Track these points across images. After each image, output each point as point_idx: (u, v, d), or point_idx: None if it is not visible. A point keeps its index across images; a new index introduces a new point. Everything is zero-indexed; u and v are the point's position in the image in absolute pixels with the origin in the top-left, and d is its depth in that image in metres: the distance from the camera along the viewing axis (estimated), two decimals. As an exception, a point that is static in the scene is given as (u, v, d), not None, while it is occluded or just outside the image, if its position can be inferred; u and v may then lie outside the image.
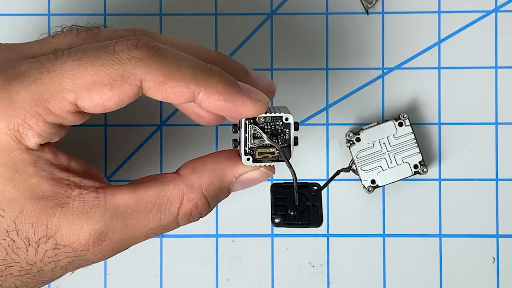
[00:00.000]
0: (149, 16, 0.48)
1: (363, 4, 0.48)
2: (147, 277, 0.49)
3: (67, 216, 0.36)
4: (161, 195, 0.37)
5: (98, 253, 0.37)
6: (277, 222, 0.46)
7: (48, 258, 0.36)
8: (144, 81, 0.35)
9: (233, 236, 0.48)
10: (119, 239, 0.37)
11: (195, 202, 0.37)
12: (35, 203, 0.35)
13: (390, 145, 0.47)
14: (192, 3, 0.48)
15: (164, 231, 0.38)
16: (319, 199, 0.39)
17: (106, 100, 0.35)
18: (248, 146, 0.37)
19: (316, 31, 0.48)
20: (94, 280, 0.48)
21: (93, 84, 0.35)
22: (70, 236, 0.36)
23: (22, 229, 0.35)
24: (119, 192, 0.37)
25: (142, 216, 0.37)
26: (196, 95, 0.35)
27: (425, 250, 0.48)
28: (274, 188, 0.39)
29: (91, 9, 0.48)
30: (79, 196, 0.36)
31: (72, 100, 0.35)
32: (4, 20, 0.48)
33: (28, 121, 0.35)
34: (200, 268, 0.48)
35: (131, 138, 0.49)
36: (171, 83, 0.35)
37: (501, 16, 0.48)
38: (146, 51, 0.35)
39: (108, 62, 0.35)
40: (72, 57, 0.35)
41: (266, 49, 0.48)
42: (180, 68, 0.35)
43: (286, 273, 0.49)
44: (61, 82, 0.35)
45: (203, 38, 0.48)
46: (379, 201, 0.48)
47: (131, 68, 0.35)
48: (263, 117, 0.37)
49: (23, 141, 0.35)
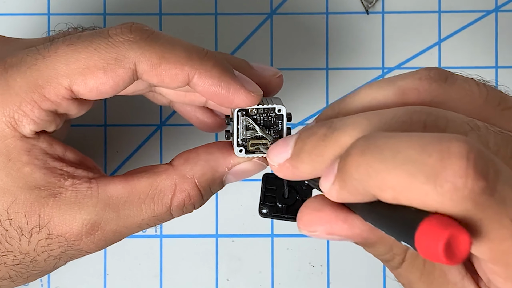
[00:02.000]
0: (149, 16, 0.48)
1: (363, 4, 0.48)
2: (147, 277, 0.48)
3: (59, 206, 0.36)
4: (153, 186, 0.37)
5: (91, 243, 0.37)
6: (264, 213, 0.46)
7: (41, 248, 0.36)
8: (138, 64, 0.35)
9: (233, 236, 0.48)
10: (112, 229, 0.37)
11: (188, 192, 0.37)
12: (28, 193, 0.35)
13: (390, 145, 0.47)
14: (192, 3, 0.48)
15: (158, 222, 0.38)
16: (309, 194, 0.39)
17: (100, 84, 0.35)
18: (241, 137, 0.37)
19: (316, 31, 0.48)
20: (94, 280, 0.48)
21: (87, 68, 0.35)
22: (62, 226, 0.36)
23: (15, 219, 0.35)
24: (112, 182, 0.37)
25: (135, 207, 0.37)
26: (191, 77, 0.35)
27: (425, 250, 0.48)
28: (266, 178, 0.39)
29: (91, 9, 0.48)
30: (72, 186, 0.36)
31: (67, 85, 0.35)
32: (4, 20, 0.48)
33: (24, 108, 0.35)
34: (200, 268, 0.48)
35: (131, 138, 0.49)
36: (166, 65, 0.35)
37: (501, 16, 0.48)
38: (140, 34, 0.35)
39: (102, 45, 0.35)
40: (66, 43, 0.35)
41: (266, 49, 0.48)
42: (174, 50, 0.35)
43: (286, 273, 0.49)
44: (55, 67, 0.35)
45: (203, 38, 0.48)
46: (379, 201, 0.48)
47: (125, 51, 0.35)
48: (256, 108, 0.36)
49: (18, 128, 0.35)
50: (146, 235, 0.48)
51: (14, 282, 0.38)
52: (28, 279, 0.38)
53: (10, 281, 0.37)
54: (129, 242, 0.48)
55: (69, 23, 0.39)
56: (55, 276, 0.48)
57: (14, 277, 0.37)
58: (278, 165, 0.33)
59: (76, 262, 0.47)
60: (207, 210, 0.48)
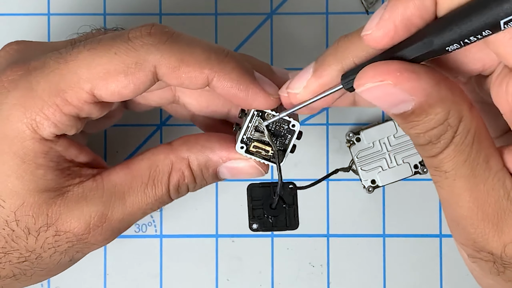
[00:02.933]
0: (149, 16, 0.48)
1: (363, 4, 0.48)
2: (147, 277, 0.49)
3: (67, 204, 0.36)
4: (153, 166, 0.37)
5: (98, 235, 0.37)
6: (254, 228, 0.46)
7: (48, 245, 0.36)
8: (158, 67, 0.35)
9: (233, 236, 0.48)
10: (119, 218, 0.37)
11: (182, 172, 0.38)
12: (37, 196, 0.36)
13: (390, 145, 0.47)
14: (192, 3, 0.48)
15: (160, 205, 0.38)
16: (295, 200, 0.39)
17: (122, 87, 0.35)
18: (247, 135, 0.37)
19: (316, 31, 0.48)
20: (94, 280, 0.48)
21: (107, 72, 0.35)
22: (71, 222, 0.36)
23: (22, 220, 0.36)
24: (114, 171, 0.37)
25: (139, 192, 0.37)
26: (210, 80, 0.35)
27: (425, 250, 0.48)
28: (250, 188, 0.39)
29: (91, 9, 0.48)
30: (79, 183, 0.37)
31: (89, 89, 0.35)
32: (4, 20, 0.48)
33: (46, 111, 0.35)
34: (200, 268, 0.48)
35: (131, 138, 0.49)
36: (185, 68, 0.35)
37: (501, 16, 0.48)
38: (160, 37, 0.35)
39: (122, 49, 0.35)
40: (87, 47, 0.35)
41: (266, 49, 0.48)
42: (193, 53, 0.35)
43: (286, 273, 0.49)
44: (77, 72, 0.35)
45: (203, 38, 0.48)
46: (379, 201, 0.48)
47: (145, 54, 0.35)
48: (272, 115, 0.36)
49: (39, 130, 0.35)
50: (146, 235, 0.48)
51: (18, 281, 0.38)
52: (31, 278, 0.38)
53: (14, 279, 0.38)
54: (129, 242, 0.48)
55: (92, 25, 0.39)
56: (55, 276, 0.48)
57: (18, 275, 0.37)
58: (304, 88, 0.33)
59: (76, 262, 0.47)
60: (207, 210, 0.48)
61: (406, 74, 0.29)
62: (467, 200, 0.32)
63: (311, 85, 0.33)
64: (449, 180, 0.32)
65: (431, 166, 0.32)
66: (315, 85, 0.33)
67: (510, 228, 0.32)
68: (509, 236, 0.32)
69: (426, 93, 0.30)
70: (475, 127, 0.31)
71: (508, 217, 0.31)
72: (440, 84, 0.30)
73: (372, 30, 0.30)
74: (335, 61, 0.32)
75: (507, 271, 0.33)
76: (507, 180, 0.32)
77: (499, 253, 0.32)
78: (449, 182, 0.32)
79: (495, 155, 0.32)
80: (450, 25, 0.28)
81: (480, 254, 0.33)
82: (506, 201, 0.31)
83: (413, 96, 0.30)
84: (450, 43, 0.28)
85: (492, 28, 0.27)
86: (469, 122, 0.31)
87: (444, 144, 0.31)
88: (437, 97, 0.30)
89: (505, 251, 0.32)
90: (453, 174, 0.31)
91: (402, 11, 0.29)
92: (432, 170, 0.32)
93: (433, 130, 0.31)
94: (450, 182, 0.32)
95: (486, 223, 0.32)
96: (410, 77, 0.29)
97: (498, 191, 0.31)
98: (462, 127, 0.31)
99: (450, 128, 0.31)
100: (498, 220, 0.32)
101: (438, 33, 0.29)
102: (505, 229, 0.32)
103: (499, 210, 0.32)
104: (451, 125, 0.30)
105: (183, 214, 0.48)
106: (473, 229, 0.32)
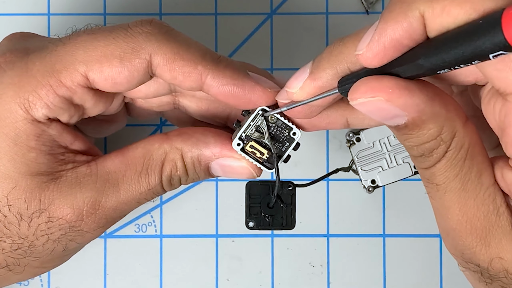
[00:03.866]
0: (149, 16, 0.48)
1: (363, 4, 0.48)
2: (147, 277, 0.49)
3: (60, 189, 0.36)
4: (147, 155, 0.37)
5: (92, 223, 0.37)
6: (251, 226, 0.46)
7: (40, 232, 0.36)
8: (154, 56, 0.35)
9: (233, 236, 0.48)
10: (112, 206, 0.37)
11: (175, 162, 0.37)
12: (30, 179, 0.36)
13: (390, 145, 0.47)
14: (192, 3, 0.48)
15: (154, 195, 0.38)
16: (293, 200, 0.39)
17: (116, 73, 0.35)
18: (247, 133, 0.37)
19: (316, 31, 0.48)
20: (94, 280, 0.48)
21: (104, 56, 0.35)
22: (63, 208, 0.36)
23: (14, 205, 0.36)
24: (109, 158, 0.37)
25: (133, 180, 0.37)
26: (204, 78, 0.36)
27: (425, 250, 0.48)
28: (249, 187, 0.39)
29: (91, 9, 0.48)
30: (72, 169, 0.37)
31: (83, 71, 0.35)
32: (4, 20, 0.48)
33: (39, 91, 0.35)
34: (200, 268, 0.48)
35: (131, 138, 0.49)
36: (180, 61, 0.35)
37: (501, 16, 0.48)
38: (159, 28, 0.36)
39: (121, 35, 0.35)
40: (87, 31, 0.36)
41: (266, 49, 0.48)
42: (189, 48, 0.36)
43: (286, 273, 0.49)
44: (73, 53, 0.35)
45: (203, 38, 0.48)
46: (379, 201, 0.48)
47: (142, 41, 0.35)
48: (277, 118, 0.36)
49: (31, 111, 0.35)
50: (146, 235, 0.48)
51: (12, 271, 0.38)
52: (25, 270, 0.38)
53: (8, 269, 0.37)
54: (129, 242, 0.48)
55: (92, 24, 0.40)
56: (55, 276, 0.48)
57: (11, 265, 0.37)
58: (300, 88, 0.33)
59: (76, 262, 0.47)
60: (207, 210, 0.48)
61: (398, 90, 0.29)
62: (456, 213, 0.32)
63: (307, 87, 0.33)
64: (440, 192, 0.32)
65: (423, 177, 0.32)
66: (310, 87, 0.33)
67: (498, 243, 0.32)
68: (496, 250, 0.32)
69: (419, 109, 0.30)
70: (469, 143, 0.31)
71: (496, 231, 0.32)
72: (434, 99, 0.30)
73: (363, 50, 0.30)
74: (330, 66, 0.32)
75: (495, 283, 0.33)
76: (497, 195, 0.32)
77: (485, 266, 0.32)
78: (440, 194, 0.32)
79: (487, 170, 0.32)
80: (439, 52, 0.28)
81: (468, 265, 0.33)
82: (495, 216, 0.32)
83: (406, 112, 0.30)
84: (440, 69, 0.28)
85: (480, 58, 0.27)
86: (463, 137, 0.31)
87: (436, 158, 0.31)
88: (430, 113, 0.30)
89: (491, 265, 0.32)
90: (444, 187, 0.32)
91: (391, 33, 0.29)
92: (424, 181, 0.33)
93: (426, 144, 0.31)
94: (441, 194, 0.32)
95: (474, 236, 0.32)
96: (402, 94, 0.29)
97: (487, 206, 0.32)
98: (455, 143, 0.31)
99: (443, 143, 0.31)
100: (486, 234, 0.32)
101: (427, 58, 0.28)
102: (492, 243, 0.32)
103: (488, 225, 0.32)
104: (444, 140, 0.31)
105: (183, 214, 0.48)
106: (461, 241, 0.32)
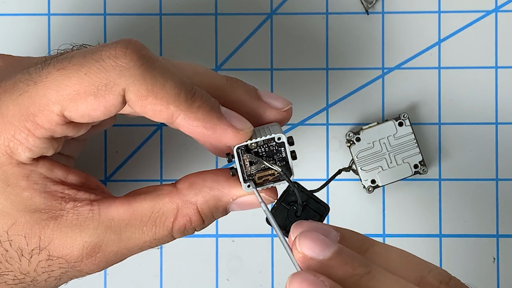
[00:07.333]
0: (149, 16, 0.48)
1: (363, 4, 0.48)
2: (147, 277, 0.48)
3: (60, 229, 0.36)
4: (156, 209, 0.37)
5: (91, 265, 0.37)
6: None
7: (41, 269, 0.36)
8: (127, 92, 0.34)
9: (233, 236, 0.48)
10: (113, 251, 0.37)
11: (189, 217, 0.37)
12: (28, 216, 0.35)
13: (390, 145, 0.47)
14: (192, 3, 0.48)
15: (159, 243, 0.38)
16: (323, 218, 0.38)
17: (92, 110, 0.34)
18: (246, 173, 0.36)
19: (316, 31, 0.48)
20: (94, 280, 0.48)
21: (77, 94, 0.34)
22: (63, 248, 0.36)
23: (15, 240, 0.35)
24: (114, 204, 0.36)
25: (136, 230, 0.36)
26: (175, 118, 0.35)
27: (425, 250, 0.48)
28: (293, 188, 0.37)
29: (91, 9, 0.48)
30: (73, 208, 0.36)
31: (58, 111, 0.34)
32: (4, 20, 0.48)
33: (18, 137, 0.35)
34: (200, 268, 0.48)
35: (131, 138, 0.49)
36: (152, 99, 0.34)
37: (501, 16, 0.48)
38: (135, 60, 0.34)
39: (93, 70, 0.34)
40: (57, 67, 0.35)
41: (266, 49, 0.48)
42: (165, 85, 0.34)
43: (286, 273, 0.49)
44: (46, 94, 0.34)
45: (203, 38, 0.48)
46: (379, 201, 0.48)
47: (115, 77, 0.34)
48: (255, 142, 0.36)
49: (14, 156, 0.35)
50: (146, 235, 0.48)
51: None
52: None
53: None
54: (129, 242, 0.48)
55: (72, 43, 0.39)
56: (55, 276, 0.48)
57: None
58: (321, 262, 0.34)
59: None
60: (207, 210, 0.48)
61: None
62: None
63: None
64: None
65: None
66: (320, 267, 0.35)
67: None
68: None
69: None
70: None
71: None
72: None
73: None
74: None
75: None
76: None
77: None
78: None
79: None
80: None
81: None
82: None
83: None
84: None
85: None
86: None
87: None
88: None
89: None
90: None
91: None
92: None
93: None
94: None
95: None
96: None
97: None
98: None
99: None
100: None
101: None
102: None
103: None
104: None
105: (183, 214, 0.48)
106: None
